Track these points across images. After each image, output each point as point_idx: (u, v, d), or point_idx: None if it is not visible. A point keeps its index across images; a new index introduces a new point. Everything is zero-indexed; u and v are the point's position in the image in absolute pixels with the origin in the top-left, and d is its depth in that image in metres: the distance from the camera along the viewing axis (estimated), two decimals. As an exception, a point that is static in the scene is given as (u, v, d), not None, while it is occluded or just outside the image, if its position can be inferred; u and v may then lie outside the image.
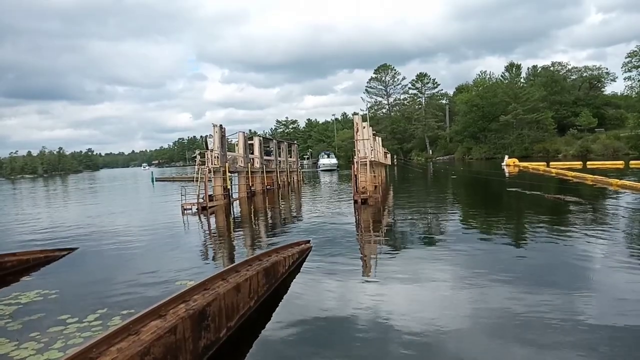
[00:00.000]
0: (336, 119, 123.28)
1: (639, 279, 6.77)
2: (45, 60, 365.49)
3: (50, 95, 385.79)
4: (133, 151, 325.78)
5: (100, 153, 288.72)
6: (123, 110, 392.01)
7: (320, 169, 62.84)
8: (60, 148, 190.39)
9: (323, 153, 74.46)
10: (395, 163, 68.90)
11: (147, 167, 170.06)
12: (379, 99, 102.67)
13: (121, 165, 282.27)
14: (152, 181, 52.64)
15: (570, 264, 7.83)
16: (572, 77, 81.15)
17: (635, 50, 56.81)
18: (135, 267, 9.48)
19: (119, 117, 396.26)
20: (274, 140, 34.11)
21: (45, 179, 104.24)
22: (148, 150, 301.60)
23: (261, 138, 30.85)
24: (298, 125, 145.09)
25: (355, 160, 19.25)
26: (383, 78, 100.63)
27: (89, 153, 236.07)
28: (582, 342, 4.74)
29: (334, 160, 65.00)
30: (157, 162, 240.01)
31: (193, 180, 22.74)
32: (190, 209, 19.05)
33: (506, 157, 48.64)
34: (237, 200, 23.31)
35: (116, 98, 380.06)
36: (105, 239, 13.17)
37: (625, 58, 58.21)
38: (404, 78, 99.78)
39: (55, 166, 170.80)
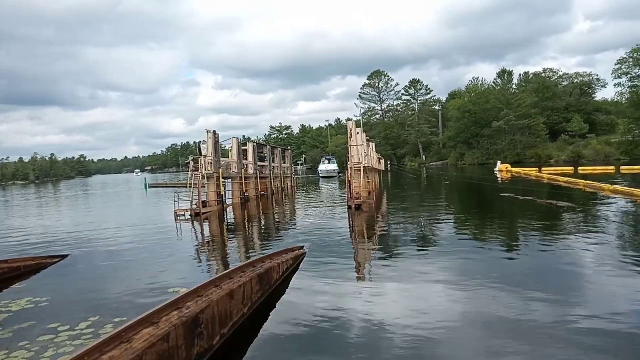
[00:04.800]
0: (330, 125, 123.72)
1: (631, 284, 6.81)
2: (38, 66, 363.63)
3: (43, 101, 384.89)
4: (126, 157, 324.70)
5: (92, 159, 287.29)
6: (116, 116, 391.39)
7: (320, 175, 58.36)
8: (53, 154, 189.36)
9: (324, 158, 67.87)
10: (389, 169, 69.12)
11: (139, 173, 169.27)
12: (373, 105, 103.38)
13: (114, 172, 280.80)
14: (145, 187, 52.32)
15: (562, 268, 7.88)
16: (563, 83, 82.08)
17: (625, 57, 57.69)
18: (127, 274, 9.41)
19: (112, 123, 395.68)
20: (268, 146, 34.12)
21: (37, 186, 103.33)
22: (141, 156, 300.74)
23: (255, 144, 30.85)
24: (292, 131, 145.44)
25: (349, 166, 19.29)
26: (376, 84, 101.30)
27: (82, 159, 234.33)
28: (573, 346, 4.76)
29: (332, 167, 59.59)
30: (150, 168, 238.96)
31: (186, 187, 22.65)
32: (184, 215, 18.95)
33: (499, 162, 49.00)
34: (231, 207, 23.23)
35: (109, 104, 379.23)
36: (97, 245, 13.06)
37: (615, 65, 59.17)
38: (397, 84, 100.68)
39: (47, 172, 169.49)
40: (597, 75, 79.86)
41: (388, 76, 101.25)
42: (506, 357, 4.68)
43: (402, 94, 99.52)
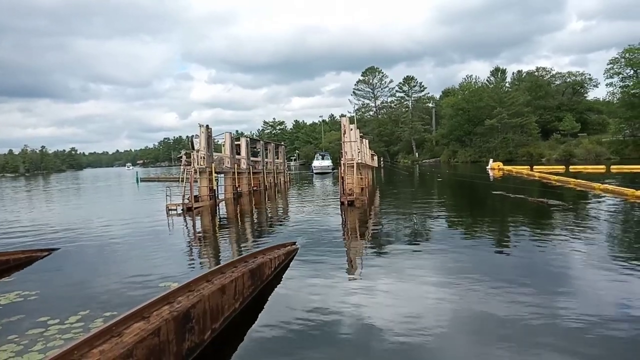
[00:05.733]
0: (323, 121, 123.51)
1: (619, 281, 6.90)
2: (30, 57, 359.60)
3: (34, 93, 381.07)
4: (117, 151, 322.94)
5: (84, 152, 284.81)
6: (108, 109, 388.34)
7: (314, 171, 55.98)
8: (43, 147, 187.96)
9: (318, 154, 65.02)
10: (382, 165, 69.21)
11: (131, 167, 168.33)
12: (367, 101, 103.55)
13: (105, 165, 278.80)
14: (137, 181, 52.01)
15: (552, 265, 7.96)
16: (556, 82, 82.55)
17: (617, 57, 58.07)
18: (118, 268, 9.36)
19: (104, 116, 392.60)
20: (261, 141, 34.02)
21: (27, 178, 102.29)
22: (133, 150, 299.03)
23: (248, 139, 30.73)
24: (285, 127, 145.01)
25: (342, 162, 19.29)
26: (370, 80, 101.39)
27: (73, 152, 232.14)
28: (561, 343, 4.82)
29: (326, 163, 57.16)
30: (141, 162, 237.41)
31: (178, 181, 22.55)
32: (175, 209, 18.87)
33: (491, 160, 49.23)
34: (223, 201, 23.15)
35: (101, 97, 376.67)
36: (87, 239, 12.97)
37: (607, 64, 59.43)
38: (391, 81, 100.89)
39: (37, 165, 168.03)
40: (589, 75, 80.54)
41: (382, 72, 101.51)
42: (495, 355, 4.72)
43: (396, 91, 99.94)
